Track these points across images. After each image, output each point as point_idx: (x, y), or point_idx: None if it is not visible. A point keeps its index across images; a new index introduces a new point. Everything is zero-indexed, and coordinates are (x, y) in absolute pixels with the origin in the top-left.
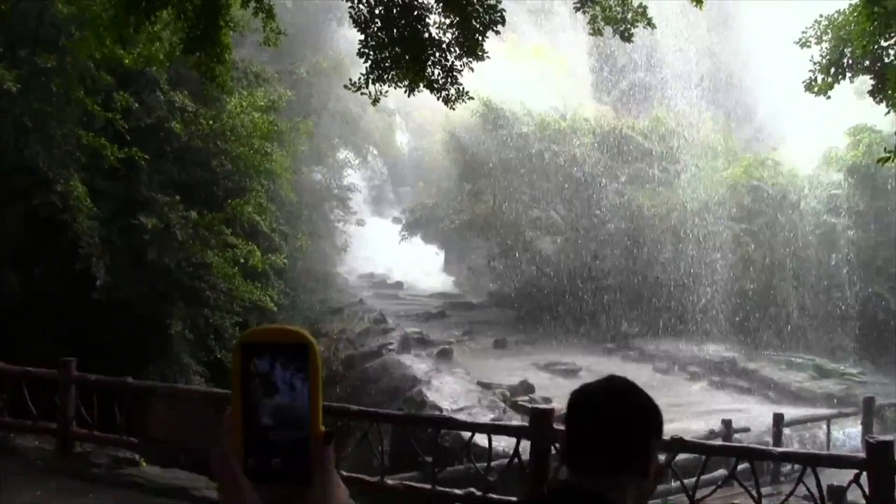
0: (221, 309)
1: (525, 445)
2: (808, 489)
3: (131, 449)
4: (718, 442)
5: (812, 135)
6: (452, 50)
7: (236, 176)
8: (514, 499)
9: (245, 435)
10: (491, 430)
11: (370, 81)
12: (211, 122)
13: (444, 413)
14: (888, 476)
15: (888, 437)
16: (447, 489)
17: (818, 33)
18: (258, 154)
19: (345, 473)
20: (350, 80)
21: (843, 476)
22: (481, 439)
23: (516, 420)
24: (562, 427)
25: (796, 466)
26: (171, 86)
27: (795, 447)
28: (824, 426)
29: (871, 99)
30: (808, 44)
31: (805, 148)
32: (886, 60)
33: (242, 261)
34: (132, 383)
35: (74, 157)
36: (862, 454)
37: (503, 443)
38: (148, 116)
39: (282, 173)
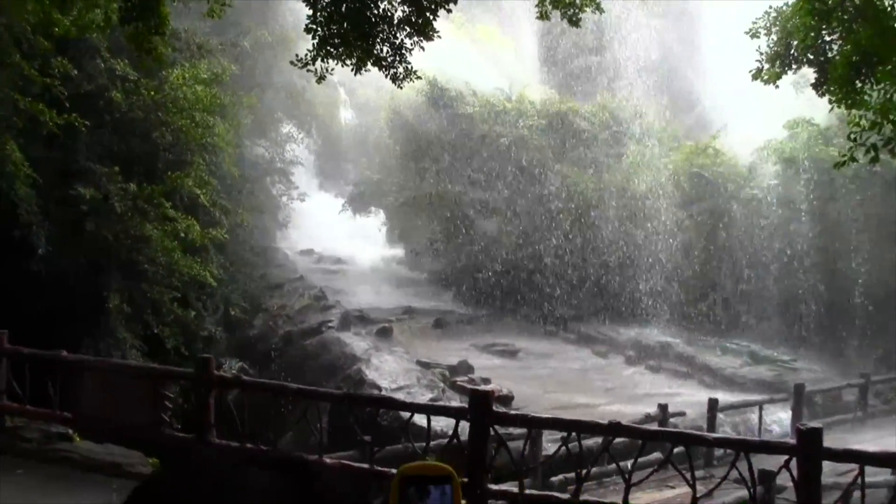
0: (160, 283)
1: (464, 426)
2: (739, 473)
3: (64, 424)
4: (654, 427)
5: (753, 125)
6: (402, 28)
7: (177, 149)
8: None
9: None
10: (430, 410)
11: (317, 58)
12: (152, 92)
13: (383, 392)
14: (816, 462)
15: (817, 425)
16: (385, 469)
17: (767, 24)
18: (200, 127)
19: (284, 452)
20: (297, 55)
21: (773, 461)
22: (421, 419)
23: (455, 400)
24: (500, 408)
25: (729, 451)
26: (112, 53)
27: (729, 431)
28: (757, 411)
29: (809, 92)
30: (757, 34)
31: (745, 137)
32: (829, 55)
33: (182, 235)
34: (66, 357)
35: (10, 123)
36: (791, 439)
37: (442, 423)
38: (88, 83)
39: (224, 147)
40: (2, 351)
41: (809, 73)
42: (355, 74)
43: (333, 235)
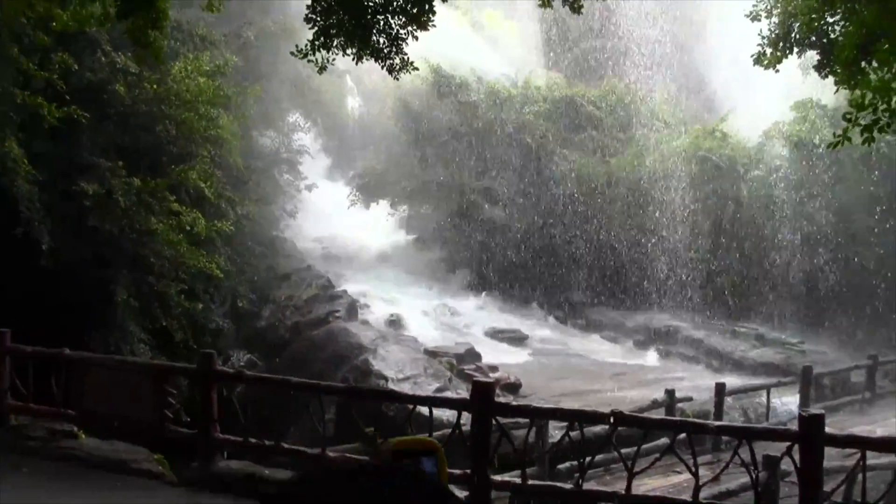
0: (166, 276)
1: (469, 416)
2: (742, 460)
3: (69, 421)
4: (660, 413)
5: (760, 107)
6: (398, 18)
7: (181, 141)
8: (457, 471)
9: None
10: (432, 402)
11: (317, 48)
12: (155, 85)
13: (390, 382)
14: (818, 448)
15: (819, 411)
16: None
17: (768, 7)
18: (204, 119)
19: (286, 446)
20: (296, 46)
21: (780, 445)
22: (425, 409)
23: (462, 389)
24: (502, 398)
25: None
26: (113, 47)
27: (737, 416)
28: (765, 394)
29: (816, 74)
30: (758, 17)
31: (753, 120)
32: (832, 36)
33: (188, 228)
34: (68, 354)
35: (10, 118)
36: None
37: (448, 412)
38: (89, 77)
39: (229, 138)
40: (4, 350)
41: (814, 55)
42: (356, 64)
43: (342, 224)
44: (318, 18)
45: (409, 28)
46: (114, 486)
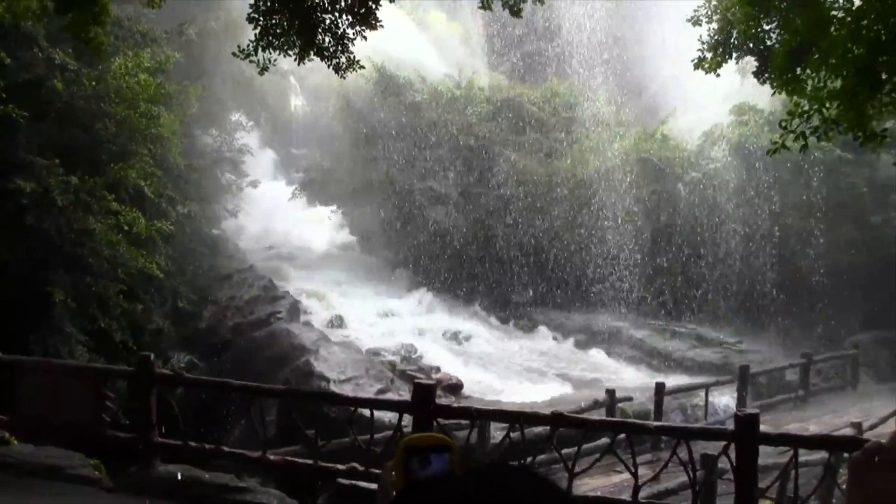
0: (105, 276)
1: (410, 417)
2: (680, 459)
3: (1, 427)
4: (601, 413)
5: (700, 110)
6: (344, 18)
7: (121, 139)
8: None
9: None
10: (373, 404)
11: (259, 48)
12: (94, 82)
13: (331, 383)
14: (752, 446)
15: (753, 410)
16: (329, 464)
17: (708, 13)
18: (144, 117)
19: (226, 449)
20: (238, 46)
21: (717, 444)
22: (367, 410)
23: (404, 391)
24: (444, 399)
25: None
26: (50, 42)
27: (676, 415)
28: (703, 393)
29: (754, 79)
30: (699, 22)
31: (693, 123)
32: (769, 43)
33: (127, 227)
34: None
35: None
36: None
37: (390, 414)
38: (25, 73)
39: (170, 137)
40: None
41: (752, 61)
42: (298, 64)
43: (285, 223)
44: (261, 18)
45: (357, 28)
46: (48, 493)
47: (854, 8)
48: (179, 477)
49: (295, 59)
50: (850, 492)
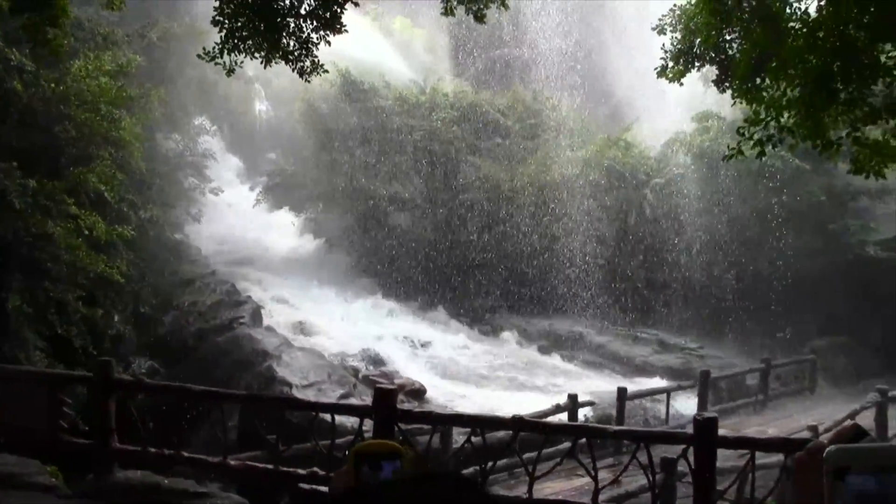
0: (64, 281)
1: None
2: (639, 463)
3: None
4: (562, 417)
5: (663, 118)
6: (309, 22)
7: (81, 143)
8: None
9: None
10: (334, 409)
11: (225, 51)
12: (53, 84)
13: (294, 388)
14: (711, 449)
15: (712, 414)
16: (291, 469)
17: (672, 22)
18: (105, 120)
19: (186, 454)
20: (203, 48)
21: (677, 448)
22: (329, 415)
23: (367, 395)
24: (406, 403)
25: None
26: (6, 42)
27: (638, 420)
28: (665, 398)
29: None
30: (664, 31)
31: (656, 130)
32: (730, 53)
33: (87, 232)
34: None
35: None
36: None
37: (353, 419)
38: None
39: (132, 141)
40: None
41: (713, 70)
42: (264, 68)
43: (249, 228)
44: (226, 21)
45: (321, 32)
46: (3, 501)
47: (810, 20)
48: (138, 483)
49: (261, 62)
50: (797, 489)
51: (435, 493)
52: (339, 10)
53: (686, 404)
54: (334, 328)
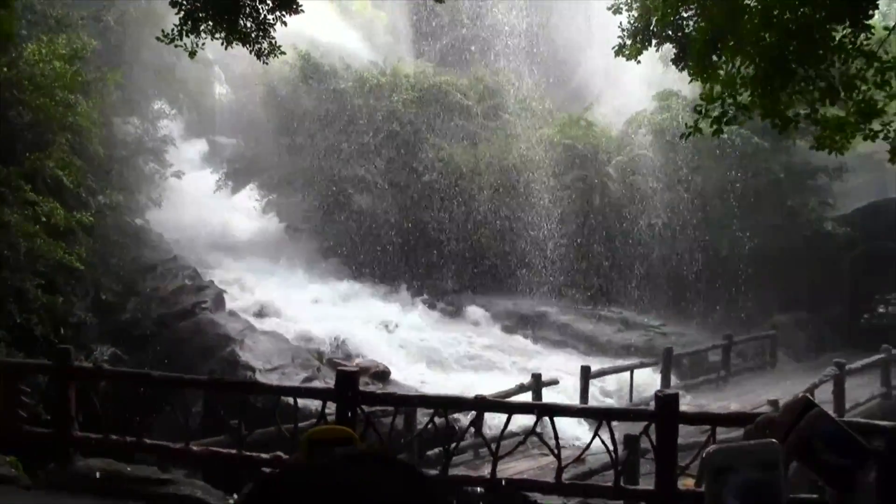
0: (22, 269)
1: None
2: (602, 441)
3: None
4: (521, 399)
5: (624, 97)
6: (266, 2)
7: (37, 128)
8: None
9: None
10: (296, 393)
11: (184, 33)
12: (6, 69)
13: (257, 373)
14: (672, 426)
15: (673, 391)
16: (254, 453)
17: (629, 1)
18: (61, 106)
19: (148, 441)
20: (162, 31)
21: (640, 424)
22: (292, 399)
23: (330, 378)
24: (371, 386)
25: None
26: None
27: (600, 397)
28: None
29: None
30: (619, 10)
31: (618, 109)
32: (686, 31)
33: (45, 219)
34: None
35: None
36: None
37: (316, 402)
38: None
39: (89, 126)
40: None
41: (671, 48)
42: (224, 49)
43: (211, 213)
44: (184, 2)
45: (278, 13)
46: None
47: None
48: (98, 472)
49: (222, 44)
50: None
51: (373, 471)
52: None
53: (650, 382)
54: (298, 311)
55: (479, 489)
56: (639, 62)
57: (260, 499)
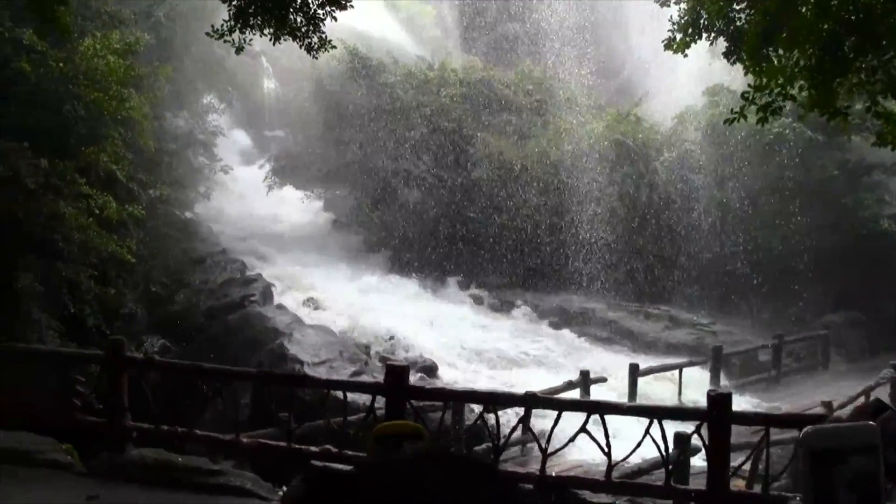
0: (76, 261)
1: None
2: (652, 439)
3: None
4: (572, 396)
5: (674, 92)
6: None
7: (91, 122)
8: None
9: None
10: (346, 387)
11: (234, 28)
12: (62, 64)
13: (305, 366)
14: (725, 425)
15: (726, 390)
16: (303, 446)
17: None
18: (114, 100)
19: (199, 432)
20: (212, 26)
21: (691, 423)
22: (340, 393)
23: (378, 373)
24: (420, 381)
25: None
26: (15, 22)
27: (650, 395)
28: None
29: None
30: (667, 3)
31: (666, 104)
32: (738, 24)
33: (98, 211)
34: None
35: None
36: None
37: (365, 396)
38: None
39: (141, 120)
40: None
41: (723, 41)
42: (273, 44)
43: (258, 206)
44: None
45: (328, 8)
46: (19, 478)
47: None
48: (152, 460)
49: (270, 39)
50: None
51: (449, 470)
52: None
53: (699, 380)
54: (345, 305)
55: (527, 486)
56: (685, 55)
57: (325, 494)
